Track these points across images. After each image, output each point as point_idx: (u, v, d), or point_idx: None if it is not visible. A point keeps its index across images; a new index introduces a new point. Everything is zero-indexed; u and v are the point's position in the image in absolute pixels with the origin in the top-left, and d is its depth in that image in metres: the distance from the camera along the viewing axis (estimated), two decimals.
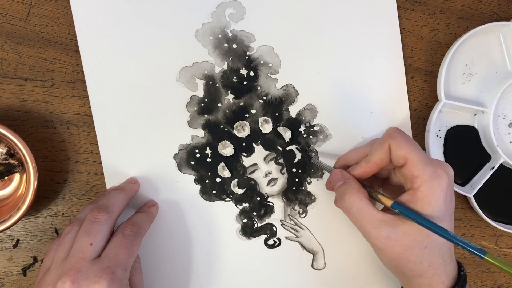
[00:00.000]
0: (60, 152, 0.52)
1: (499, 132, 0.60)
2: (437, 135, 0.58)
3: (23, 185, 0.49)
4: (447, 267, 0.47)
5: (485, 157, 0.60)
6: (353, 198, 0.47)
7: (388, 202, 0.46)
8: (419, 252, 0.45)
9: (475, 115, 0.59)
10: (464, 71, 0.59)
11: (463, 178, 0.60)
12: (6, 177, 0.50)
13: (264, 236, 0.56)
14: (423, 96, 0.59)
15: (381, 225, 0.45)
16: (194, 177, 0.54)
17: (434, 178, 0.44)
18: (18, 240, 0.52)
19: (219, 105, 0.54)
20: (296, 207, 0.56)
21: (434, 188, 0.44)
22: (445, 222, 0.45)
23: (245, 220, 0.55)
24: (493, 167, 0.58)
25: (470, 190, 0.58)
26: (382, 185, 0.55)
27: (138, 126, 0.53)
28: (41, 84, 0.52)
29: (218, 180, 0.55)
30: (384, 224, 0.45)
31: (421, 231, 0.44)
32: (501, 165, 0.59)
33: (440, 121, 0.58)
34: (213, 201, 0.55)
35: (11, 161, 0.49)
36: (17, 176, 0.50)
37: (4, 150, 0.49)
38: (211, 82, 0.54)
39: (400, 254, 0.45)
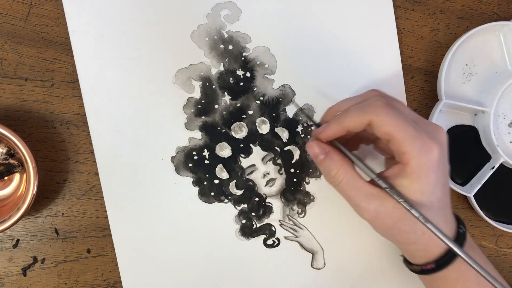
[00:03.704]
0: (60, 152, 0.53)
1: (499, 132, 0.59)
2: None
3: (23, 185, 0.50)
4: (443, 229, 0.45)
5: (485, 157, 0.59)
6: (340, 173, 0.45)
7: (372, 175, 0.45)
8: (411, 223, 0.44)
9: (475, 115, 0.59)
10: (464, 71, 0.58)
11: (463, 178, 0.59)
12: (6, 177, 0.50)
13: (263, 236, 0.56)
14: (423, 96, 0.59)
15: (369, 199, 0.44)
16: (192, 179, 0.54)
17: (423, 152, 0.42)
18: (18, 240, 0.52)
19: (216, 106, 0.54)
20: (295, 207, 0.56)
21: (423, 164, 0.42)
22: (437, 192, 0.43)
23: (244, 221, 0.55)
24: (493, 167, 0.58)
25: (470, 190, 0.58)
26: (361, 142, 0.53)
27: (134, 129, 0.53)
28: (41, 84, 0.52)
29: (216, 181, 0.55)
30: (372, 198, 0.44)
31: None
32: (501, 165, 0.59)
33: (440, 121, 0.58)
34: (211, 203, 0.55)
35: (11, 161, 0.49)
36: (17, 176, 0.50)
37: (4, 150, 0.49)
38: (207, 84, 0.54)
39: (391, 226, 0.44)
